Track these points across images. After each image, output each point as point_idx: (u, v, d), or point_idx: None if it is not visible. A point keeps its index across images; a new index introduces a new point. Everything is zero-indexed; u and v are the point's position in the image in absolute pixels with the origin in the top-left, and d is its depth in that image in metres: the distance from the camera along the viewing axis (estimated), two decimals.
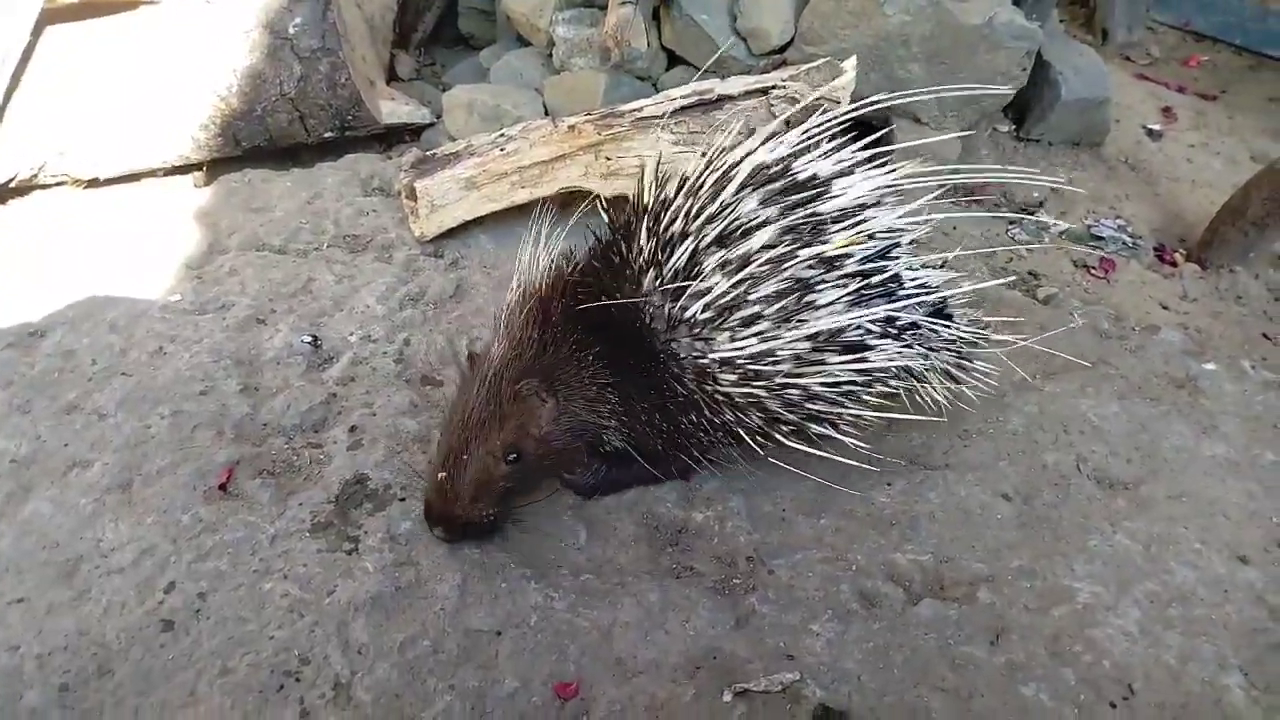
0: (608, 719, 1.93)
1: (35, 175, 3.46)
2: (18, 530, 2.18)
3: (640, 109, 3.01)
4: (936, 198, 3.60)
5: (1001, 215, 3.67)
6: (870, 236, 2.16)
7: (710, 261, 2.06)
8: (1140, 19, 4.98)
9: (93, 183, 3.55)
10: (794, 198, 2.13)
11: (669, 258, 2.08)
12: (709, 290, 2.05)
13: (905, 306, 2.18)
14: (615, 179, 3.01)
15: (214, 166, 3.66)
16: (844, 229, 2.12)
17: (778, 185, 2.15)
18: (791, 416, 2.19)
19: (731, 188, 2.11)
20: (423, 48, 4.67)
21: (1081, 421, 2.66)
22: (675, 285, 2.07)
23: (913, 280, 2.25)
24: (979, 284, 2.52)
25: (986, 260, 3.40)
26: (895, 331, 2.20)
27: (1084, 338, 2.98)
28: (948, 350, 2.38)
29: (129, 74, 3.44)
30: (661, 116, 2.99)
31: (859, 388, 2.21)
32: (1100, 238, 3.63)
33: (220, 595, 2.05)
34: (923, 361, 2.32)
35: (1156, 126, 4.29)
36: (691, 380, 2.14)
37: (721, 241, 2.08)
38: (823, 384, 2.14)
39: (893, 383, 2.30)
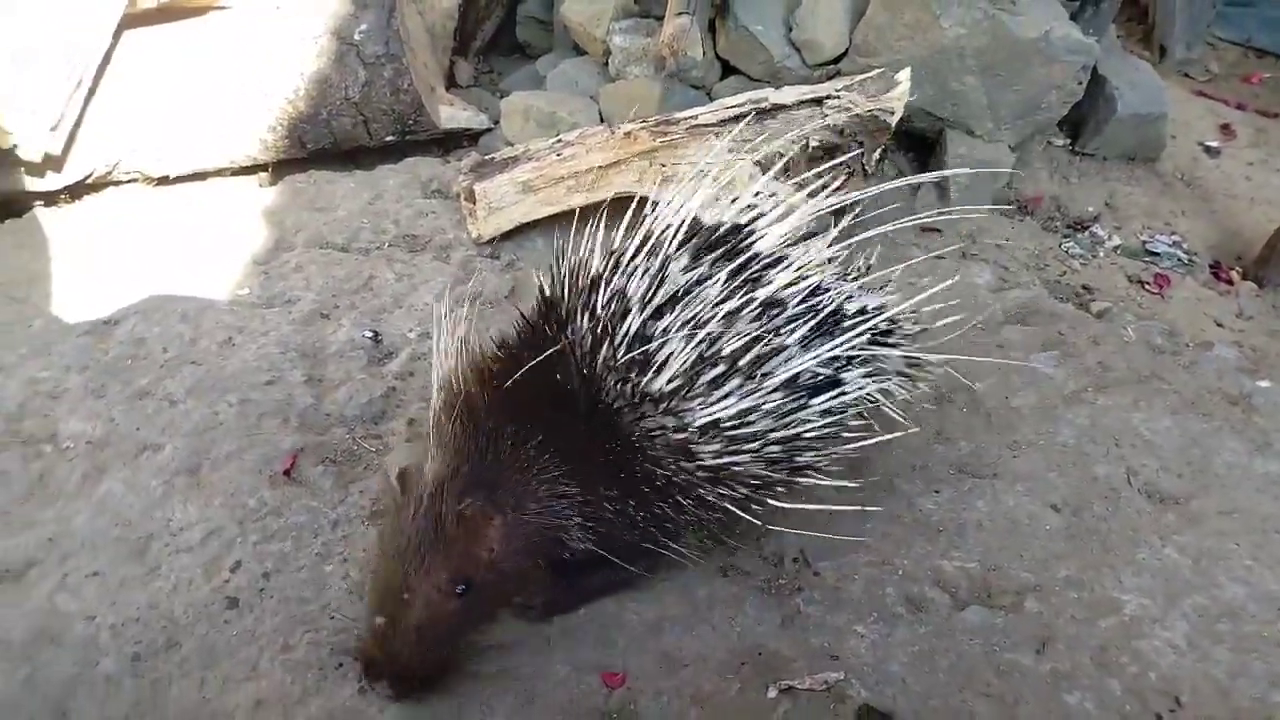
0: (653, 709, 1.97)
1: (110, 172, 3.59)
2: (93, 509, 2.27)
3: (695, 116, 3.06)
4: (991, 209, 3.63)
5: (1003, 212, 3.68)
6: (806, 277, 2.04)
7: (660, 327, 1.88)
8: (1200, 35, 4.93)
9: (163, 180, 3.68)
10: (722, 247, 2.01)
11: (616, 330, 1.88)
12: (668, 360, 1.86)
13: (852, 338, 2.04)
14: (669, 185, 3.06)
15: (279, 167, 3.77)
16: (781, 270, 2.00)
17: (702, 240, 2.03)
18: (777, 476, 2.04)
19: (666, 249, 1.96)
20: (481, 55, 4.77)
21: (1133, 435, 2.65)
22: (629, 357, 1.86)
23: (854, 308, 2.13)
24: (916, 299, 2.34)
25: (1040, 273, 3.39)
26: (850, 363, 2.11)
27: (1137, 352, 2.97)
28: (900, 367, 2.31)
29: (201, 77, 3.56)
30: (716, 124, 3.04)
31: (839, 426, 2.10)
32: (1155, 253, 3.61)
33: (283, 576, 2.13)
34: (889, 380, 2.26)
35: (1214, 143, 4.25)
36: (669, 460, 1.92)
37: (668, 306, 1.90)
38: (807, 430, 2.01)
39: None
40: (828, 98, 3.02)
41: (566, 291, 1.99)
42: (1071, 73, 3.58)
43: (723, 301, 1.89)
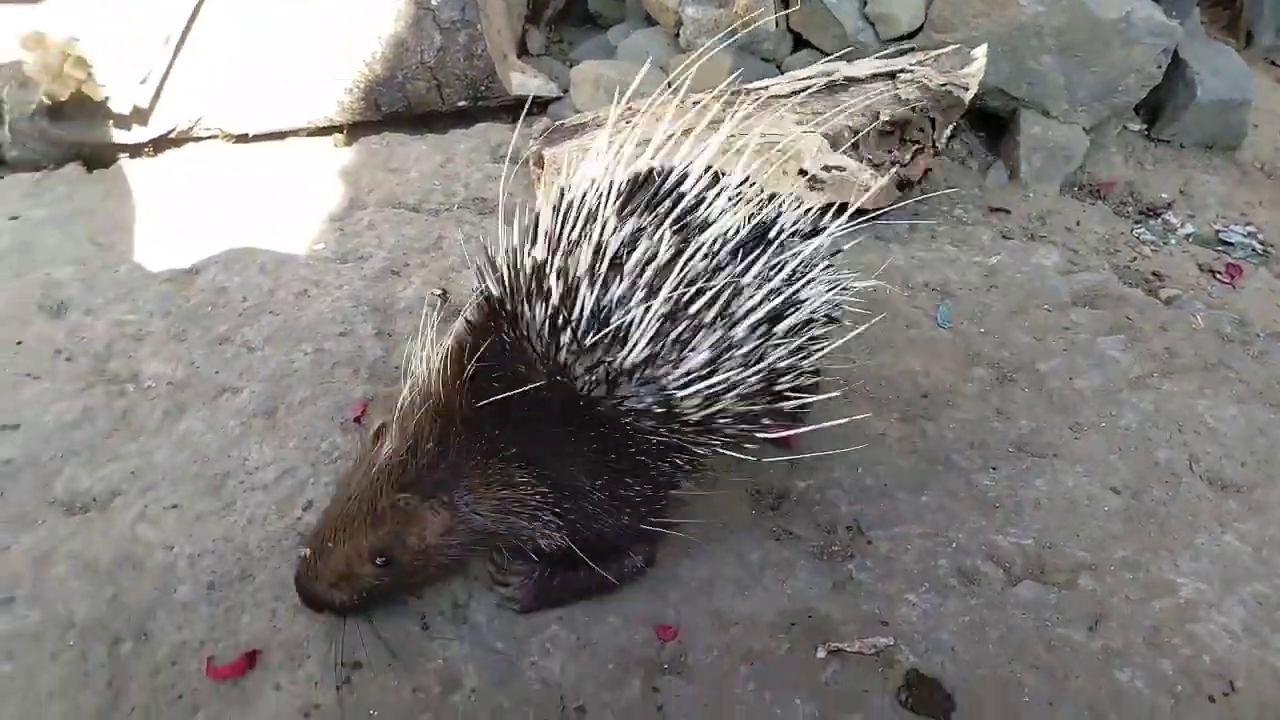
0: (704, 663, 2.01)
1: (191, 128, 3.71)
2: (173, 445, 2.38)
3: (767, 87, 3.07)
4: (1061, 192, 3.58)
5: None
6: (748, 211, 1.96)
7: (614, 298, 1.78)
8: None
9: (242, 138, 3.79)
10: (656, 200, 1.92)
11: (571, 314, 1.78)
12: (629, 330, 1.77)
13: (779, 245, 1.97)
14: (736, 156, 3.07)
15: (353, 129, 3.86)
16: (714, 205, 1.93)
17: (640, 198, 1.92)
18: (759, 408, 1.98)
19: (601, 216, 1.85)
20: (553, 24, 4.81)
21: (1197, 422, 2.62)
22: (591, 337, 1.77)
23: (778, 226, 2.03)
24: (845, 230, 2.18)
25: (1109, 257, 3.35)
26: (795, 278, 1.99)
27: (1205, 340, 2.92)
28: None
29: (283, 38, 3.65)
30: (787, 96, 3.04)
31: (808, 340, 2.03)
32: (1229, 243, 3.53)
33: None
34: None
35: None
36: (657, 426, 1.86)
37: (613, 274, 1.80)
38: (779, 355, 1.94)
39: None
40: (901, 71, 3.00)
41: (510, 286, 1.87)
42: (1152, 55, 3.52)
43: (664, 255, 1.80)
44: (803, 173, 3.01)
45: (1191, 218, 3.65)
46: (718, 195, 1.96)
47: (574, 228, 1.85)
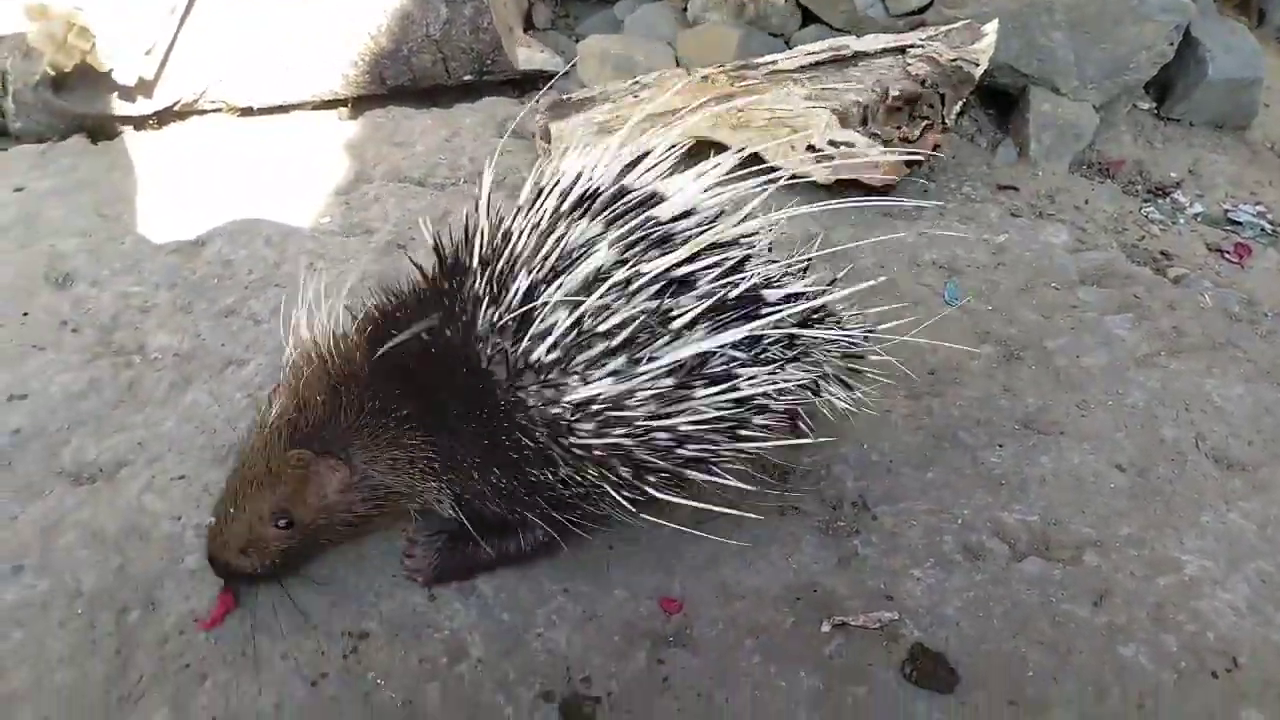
0: (709, 636, 2.02)
1: (196, 100, 3.69)
2: (180, 417, 2.38)
3: (774, 62, 3.06)
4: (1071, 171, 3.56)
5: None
6: (715, 246, 1.88)
7: (551, 295, 1.74)
8: None
9: (246, 111, 3.76)
10: (625, 208, 1.86)
11: (503, 293, 1.77)
12: (551, 328, 1.74)
13: (770, 323, 1.88)
14: (745, 130, 3.06)
15: (357, 103, 3.84)
16: (689, 236, 1.84)
17: (611, 203, 1.87)
18: (663, 464, 1.88)
19: (557, 208, 1.85)
20: None
21: (1204, 401, 2.62)
22: (513, 320, 1.76)
23: (778, 293, 1.96)
24: (848, 288, 2.18)
25: (1118, 236, 3.34)
26: (765, 352, 1.92)
27: (1213, 319, 2.92)
28: (834, 356, 2.15)
29: (288, 11, 3.62)
30: (795, 70, 3.02)
31: (734, 422, 1.91)
32: (1237, 222, 3.52)
33: None
34: (811, 372, 2.07)
35: None
36: (543, 434, 1.81)
37: (560, 271, 1.77)
38: (692, 423, 1.83)
39: (780, 404, 2.01)
40: (911, 46, 2.98)
41: (464, 250, 1.87)
42: (1164, 33, 3.49)
43: (612, 270, 1.76)
44: (811, 149, 3.00)
45: (1200, 197, 3.63)
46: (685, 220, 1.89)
47: (542, 214, 1.83)
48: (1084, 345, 2.76)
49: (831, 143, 2.96)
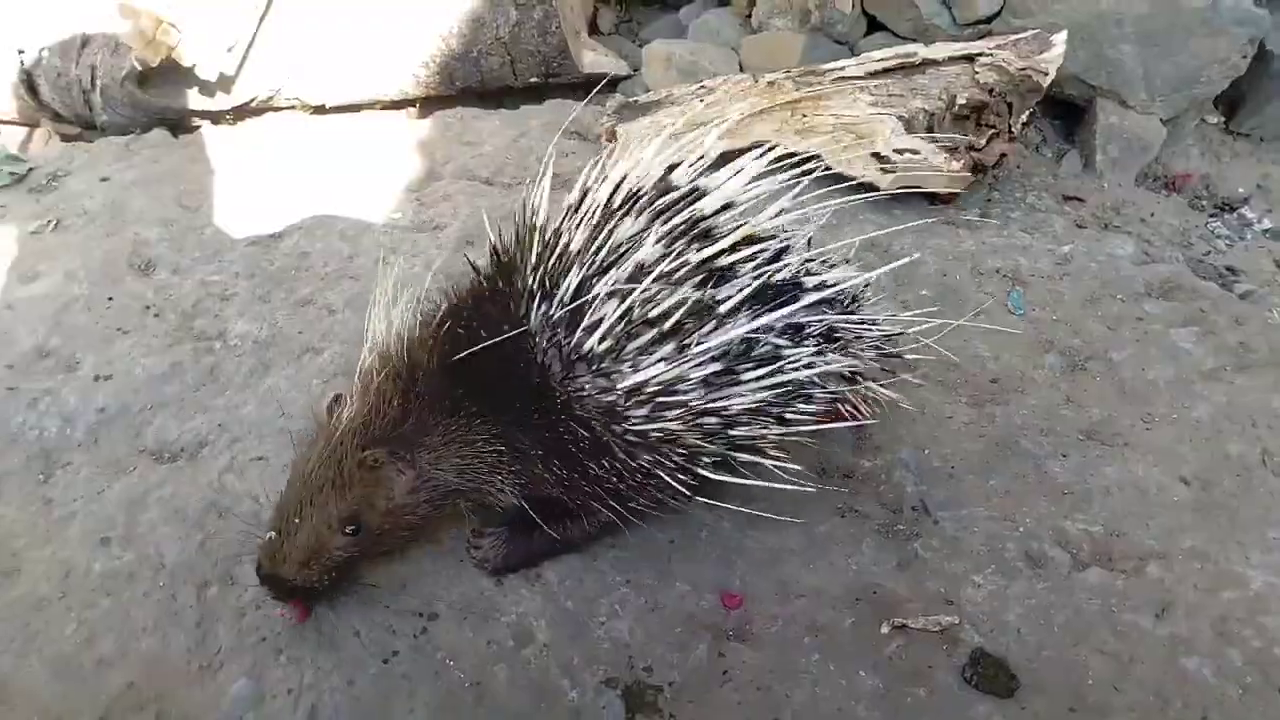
0: (769, 632, 2.05)
1: (271, 97, 3.80)
2: (259, 400, 2.47)
3: (842, 69, 3.08)
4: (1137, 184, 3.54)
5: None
6: (756, 240, 1.94)
7: (600, 288, 1.81)
8: None
9: (319, 109, 3.88)
10: (669, 204, 1.92)
11: (555, 288, 1.85)
12: (601, 319, 1.81)
13: (807, 307, 1.94)
14: (810, 136, 3.09)
15: (426, 104, 3.93)
16: (730, 230, 1.91)
17: (655, 199, 1.93)
18: (712, 447, 1.96)
19: (606, 205, 1.91)
20: (623, 4, 4.83)
21: (1271, 417, 2.59)
22: (566, 314, 1.83)
23: (815, 282, 2.01)
24: (871, 273, 2.15)
25: (1184, 250, 3.31)
26: (806, 341, 1.98)
27: None
28: (872, 348, 2.17)
29: (363, 11, 3.72)
30: (862, 77, 3.05)
31: (780, 405, 1.98)
32: None
33: None
34: (849, 364, 2.11)
35: None
36: (599, 422, 1.88)
37: (609, 265, 1.84)
38: (741, 406, 1.91)
39: (826, 392, 2.07)
40: (980, 55, 2.99)
41: (520, 248, 1.95)
42: (1237, 45, 3.45)
43: (657, 263, 1.83)
44: (875, 155, 3.01)
45: (1269, 212, 3.58)
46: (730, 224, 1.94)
47: (594, 210, 1.90)
48: (1149, 358, 2.74)
49: (896, 150, 2.98)
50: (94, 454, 2.35)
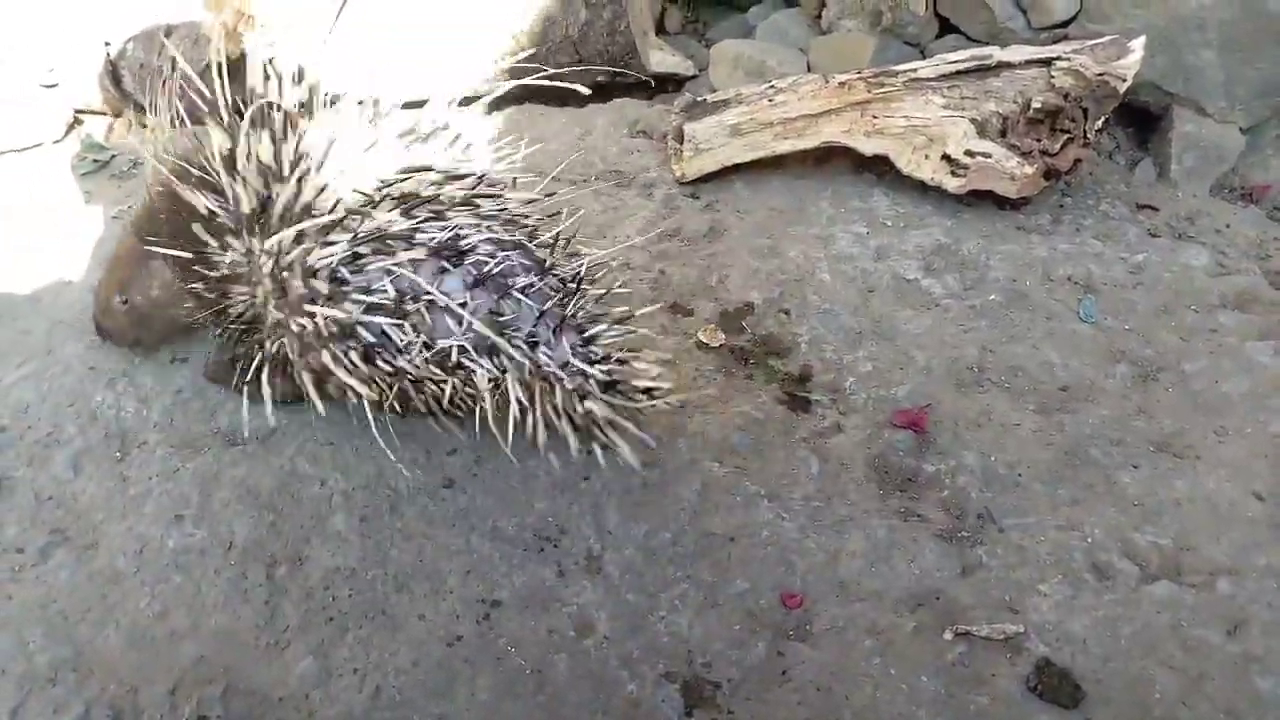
0: (829, 634, 2.05)
1: (343, 92, 3.86)
2: None
3: (915, 70, 3.05)
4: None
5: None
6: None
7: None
8: None
9: None
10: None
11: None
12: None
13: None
14: (880, 137, 3.07)
15: (495, 101, 3.95)
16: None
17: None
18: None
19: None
20: (691, 4, 4.83)
21: None
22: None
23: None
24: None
25: (1261, 262, 3.22)
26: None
27: None
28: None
29: (435, 5, 3.77)
30: (935, 79, 3.02)
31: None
32: None
33: (493, 464, 2.30)
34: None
35: None
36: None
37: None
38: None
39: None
40: (1057, 59, 2.94)
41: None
42: None
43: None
44: (946, 158, 2.98)
45: None
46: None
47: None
48: (1223, 370, 2.67)
49: (968, 152, 2.94)
50: (169, 434, 2.41)
